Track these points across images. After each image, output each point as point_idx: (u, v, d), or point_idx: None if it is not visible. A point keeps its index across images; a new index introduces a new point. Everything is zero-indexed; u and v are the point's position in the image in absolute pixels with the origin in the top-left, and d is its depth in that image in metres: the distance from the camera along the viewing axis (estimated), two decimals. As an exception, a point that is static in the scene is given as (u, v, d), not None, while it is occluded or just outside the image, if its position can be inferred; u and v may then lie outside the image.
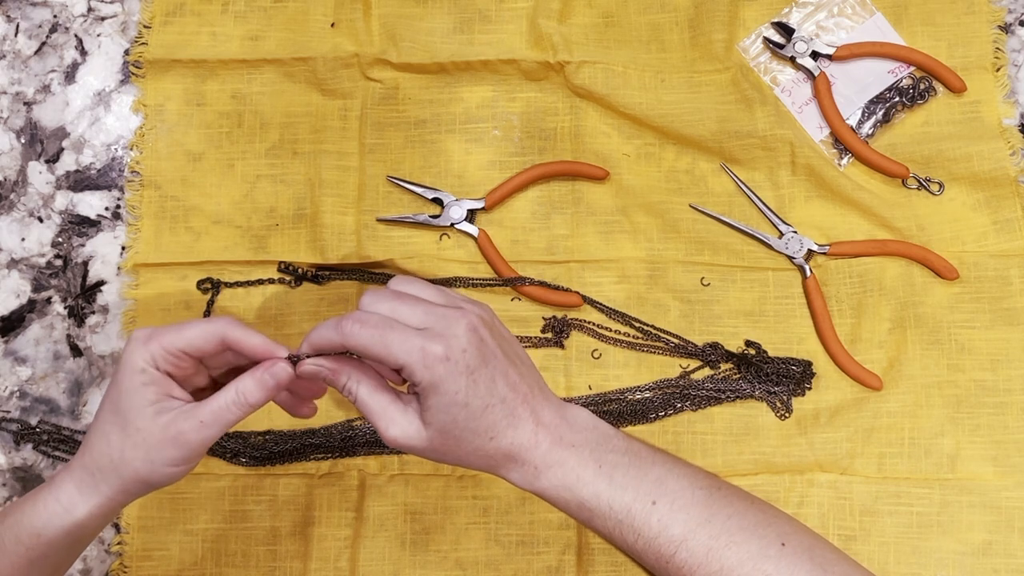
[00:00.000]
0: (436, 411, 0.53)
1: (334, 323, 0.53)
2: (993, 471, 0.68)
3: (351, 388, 0.54)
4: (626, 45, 0.76)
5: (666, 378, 0.71)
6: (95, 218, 0.74)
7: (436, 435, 0.53)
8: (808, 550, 0.56)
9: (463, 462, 0.55)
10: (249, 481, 0.70)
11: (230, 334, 0.53)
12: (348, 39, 0.75)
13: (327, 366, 0.54)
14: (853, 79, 0.75)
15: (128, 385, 0.52)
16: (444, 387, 0.52)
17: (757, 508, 0.58)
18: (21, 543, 0.53)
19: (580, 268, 0.73)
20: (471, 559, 0.69)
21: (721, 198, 0.74)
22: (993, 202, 0.72)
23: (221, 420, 0.52)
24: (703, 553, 0.54)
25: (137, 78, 0.76)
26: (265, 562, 0.69)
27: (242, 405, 0.53)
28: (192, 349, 0.53)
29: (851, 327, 0.71)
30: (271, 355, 0.54)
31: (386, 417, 0.54)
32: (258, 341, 0.54)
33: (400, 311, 0.53)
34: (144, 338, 0.53)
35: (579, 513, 0.56)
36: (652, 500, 0.55)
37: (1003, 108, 0.74)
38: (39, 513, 0.53)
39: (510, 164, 0.74)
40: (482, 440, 0.54)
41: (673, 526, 0.55)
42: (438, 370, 0.51)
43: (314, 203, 0.73)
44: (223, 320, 0.54)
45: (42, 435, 0.71)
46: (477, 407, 0.53)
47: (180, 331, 0.53)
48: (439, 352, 0.51)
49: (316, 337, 0.53)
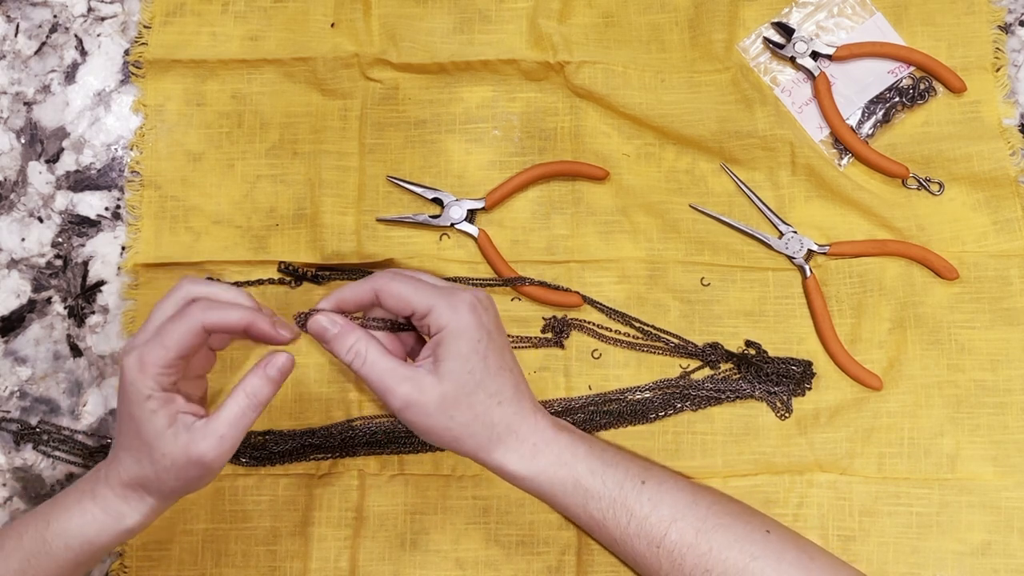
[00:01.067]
0: (455, 358, 0.54)
1: (364, 282, 0.55)
2: (993, 471, 0.69)
3: (359, 348, 0.54)
4: (626, 45, 0.76)
5: (666, 378, 0.71)
6: (95, 218, 0.74)
7: (449, 389, 0.54)
8: (792, 539, 0.58)
9: (464, 429, 0.55)
10: (249, 481, 0.70)
11: (208, 320, 0.53)
12: (348, 39, 0.75)
13: (339, 322, 0.55)
14: (853, 79, 0.75)
15: (141, 414, 0.53)
16: (469, 333, 0.54)
17: (737, 502, 0.61)
18: (71, 549, 0.55)
19: (580, 268, 0.73)
20: (471, 559, 0.69)
21: (721, 198, 0.74)
22: (993, 202, 0.72)
23: (240, 427, 0.54)
24: (693, 534, 0.56)
25: (137, 78, 0.76)
26: (265, 562, 0.69)
27: (256, 406, 0.54)
28: (182, 352, 0.53)
29: (851, 327, 0.71)
30: (254, 326, 0.54)
31: (397, 375, 0.54)
32: (236, 317, 0.53)
33: (422, 276, 0.57)
34: (138, 366, 0.53)
35: (575, 493, 0.57)
36: (642, 480, 0.58)
37: (1003, 108, 0.74)
38: (89, 523, 0.55)
39: (510, 164, 0.74)
40: (492, 402, 0.55)
41: (662, 506, 0.57)
42: (465, 315, 0.54)
43: (314, 203, 0.73)
44: (196, 309, 0.53)
45: (42, 435, 0.71)
46: (493, 364, 0.55)
47: (163, 343, 0.53)
48: (468, 300, 0.54)
49: (346, 293, 0.56)
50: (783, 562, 0.55)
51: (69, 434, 0.71)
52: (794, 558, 0.56)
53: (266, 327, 0.54)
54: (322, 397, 0.71)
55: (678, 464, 0.69)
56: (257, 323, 0.54)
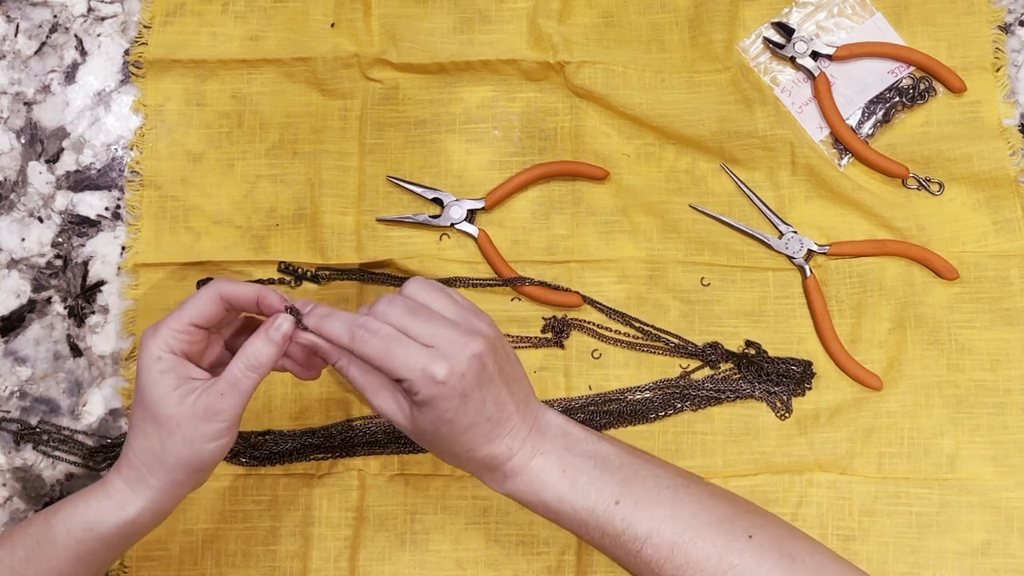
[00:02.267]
0: (424, 419, 0.56)
1: (347, 325, 0.56)
2: (993, 471, 0.68)
3: (343, 366, 0.58)
4: (626, 45, 0.76)
5: (666, 378, 0.71)
6: (95, 218, 0.74)
7: (420, 433, 0.57)
8: (778, 541, 0.57)
9: (439, 456, 0.60)
10: (249, 481, 0.70)
11: (223, 290, 0.57)
12: (348, 39, 0.75)
13: (323, 346, 0.57)
14: (853, 79, 0.75)
15: (148, 378, 0.54)
16: (436, 404, 0.55)
17: (727, 504, 0.59)
18: (72, 536, 0.55)
19: (580, 268, 0.73)
20: (471, 559, 0.69)
21: (721, 198, 0.74)
22: (993, 202, 0.72)
23: (240, 387, 0.55)
24: (668, 548, 0.56)
25: (137, 78, 0.76)
26: (265, 562, 0.69)
27: (256, 367, 0.55)
28: (198, 318, 0.56)
29: (851, 327, 0.71)
30: (264, 298, 0.57)
31: (378, 395, 0.57)
32: (249, 288, 0.57)
33: (412, 326, 0.55)
34: (152, 329, 0.56)
35: (546, 513, 0.59)
36: (615, 500, 0.57)
37: (1003, 108, 0.74)
38: (92, 509, 0.55)
39: (510, 164, 0.74)
40: (460, 450, 0.57)
41: (637, 524, 0.57)
42: (433, 390, 0.54)
43: (314, 203, 0.73)
44: (214, 282, 0.57)
45: (42, 435, 0.71)
46: (462, 425, 0.56)
47: (181, 309, 0.56)
48: (439, 374, 0.54)
49: (327, 329, 0.56)
50: (761, 568, 0.55)
51: (69, 434, 0.71)
52: (774, 563, 0.55)
53: (275, 301, 0.57)
54: (322, 397, 0.71)
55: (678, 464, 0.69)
56: (268, 296, 0.57)
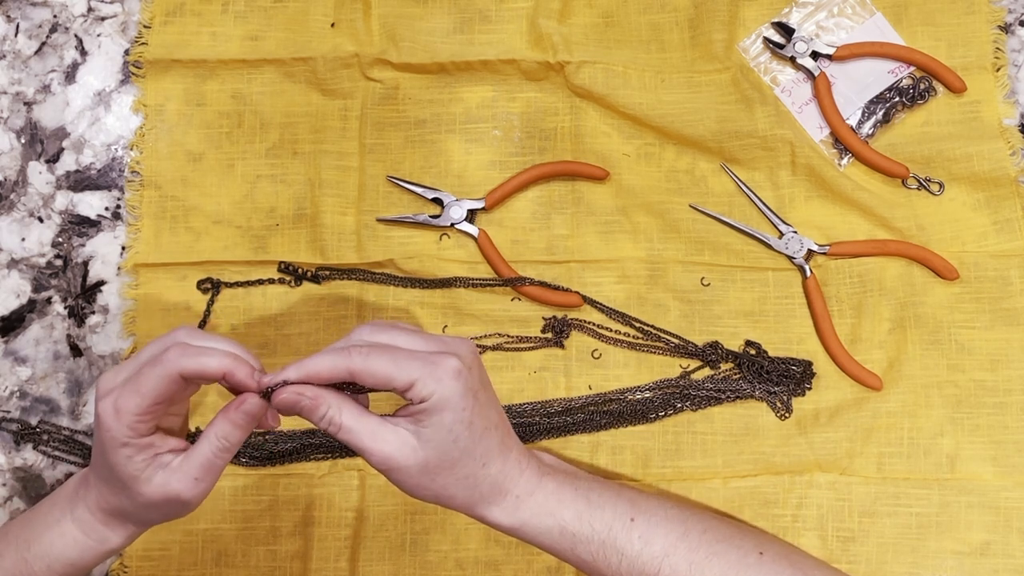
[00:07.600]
0: (439, 428, 0.52)
1: (338, 352, 0.51)
2: (992, 471, 0.69)
3: (332, 416, 0.52)
4: (626, 45, 0.76)
5: (666, 378, 0.71)
6: (95, 218, 0.74)
7: (432, 456, 0.52)
8: (786, 556, 0.57)
9: (447, 491, 0.54)
10: (249, 481, 0.70)
11: (186, 368, 0.50)
12: (348, 39, 0.75)
13: (307, 395, 0.51)
14: (853, 79, 0.75)
15: (116, 459, 0.51)
16: (454, 403, 0.51)
17: (729, 522, 0.60)
18: (54, 571, 0.55)
19: (580, 268, 0.73)
20: (471, 559, 0.69)
21: (721, 198, 0.74)
22: (993, 202, 0.72)
23: (213, 470, 0.52)
24: (686, 567, 0.55)
25: (137, 78, 0.76)
26: (265, 562, 0.69)
27: (227, 449, 0.52)
28: (158, 400, 0.51)
29: (851, 327, 0.71)
30: (232, 375, 0.51)
31: (377, 437, 0.52)
32: (215, 364, 0.50)
33: (400, 339, 0.53)
34: (113, 413, 0.51)
35: (561, 540, 0.56)
36: (630, 517, 0.57)
37: (1003, 108, 0.74)
38: (71, 546, 0.55)
39: (510, 164, 0.74)
40: (476, 465, 0.54)
41: (654, 542, 0.56)
42: (449, 384, 0.51)
43: (314, 203, 0.73)
44: (173, 353, 0.51)
45: (42, 435, 0.71)
46: (479, 428, 0.53)
47: (138, 390, 0.50)
48: (452, 366, 0.51)
49: (315, 365, 0.51)
50: None
51: (69, 434, 0.71)
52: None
53: (245, 377, 0.51)
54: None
55: (678, 464, 0.69)
56: (236, 372, 0.51)
